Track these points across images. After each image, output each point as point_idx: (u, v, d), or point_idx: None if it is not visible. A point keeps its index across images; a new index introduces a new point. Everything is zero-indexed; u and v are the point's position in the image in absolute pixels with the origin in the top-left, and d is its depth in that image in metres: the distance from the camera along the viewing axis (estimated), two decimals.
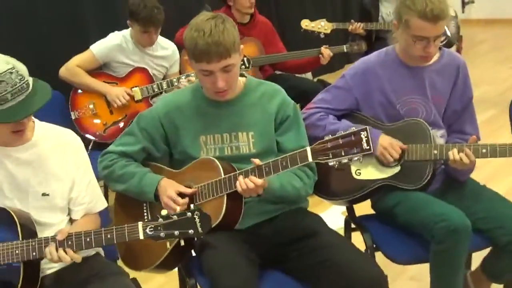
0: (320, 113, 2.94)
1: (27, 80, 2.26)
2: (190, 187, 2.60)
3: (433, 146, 2.77)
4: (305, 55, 4.82)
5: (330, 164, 2.35)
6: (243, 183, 2.44)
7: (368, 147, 2.28)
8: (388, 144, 2.81)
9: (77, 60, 4.25)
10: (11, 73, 2.21)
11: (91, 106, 4.23)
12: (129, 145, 2.73)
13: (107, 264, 2.55)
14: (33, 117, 2.50)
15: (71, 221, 2.57)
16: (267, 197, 2.56)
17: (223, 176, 2.53)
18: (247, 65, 4.12)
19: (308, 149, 2.39)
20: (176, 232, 2.22)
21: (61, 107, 4.22)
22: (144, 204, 2.72)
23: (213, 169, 2.56)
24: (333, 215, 3.17)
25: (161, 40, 4.35)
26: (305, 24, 5.05)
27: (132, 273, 2.67)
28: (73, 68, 4.22)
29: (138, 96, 4.22)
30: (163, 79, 4.36)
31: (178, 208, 2.51)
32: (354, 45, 4.82)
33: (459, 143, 2.79)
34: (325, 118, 2.92)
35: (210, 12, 2.61)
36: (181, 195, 2.58)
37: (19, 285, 2.28)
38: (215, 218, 2.49)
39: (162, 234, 2.23)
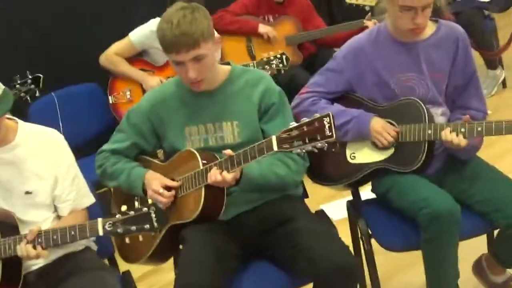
0: (313, 97, 2.83)
1: None
2: (173, 180, 2.61)
3: (427, 126, 2.62)
4: (347, 28, 4.66)
5: (294, 152, 2.28)
6: (212, 176, 2.41)
7: (330, 134, 2.16)
8: (381, 127, 2.68)
9: (115, 47, 4.35)
10: None
11: (127, 93, 4.33)
12: (120, 142, 2.75)
13: (92, 259, 2.60)
14: (16, 119, 2.59)
15: (59, 217, 2.63)
16: (247, 187, 2.52)
17: (201, 167, 2.51)
18: (285, 64, 3.81)
19: (274, 138, 2.31)
20: (133, 228, 2.24)
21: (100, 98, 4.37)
22: (136, 197, 2.74)
23: (193, 160, 2.55)
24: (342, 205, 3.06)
25: None
26: None
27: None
28: (112, 56, 4.33)
29: None
30: None
31: (164, 201, 2.53)
32: None
33: (455, 122, 2.62)
34: (318, 103, 2.81)
35: (182, 2, 2.57)
36: (167, 188, 2.58)
37: None
38: (195, 210, 2.49)
39: (119, 230, 2.25)
